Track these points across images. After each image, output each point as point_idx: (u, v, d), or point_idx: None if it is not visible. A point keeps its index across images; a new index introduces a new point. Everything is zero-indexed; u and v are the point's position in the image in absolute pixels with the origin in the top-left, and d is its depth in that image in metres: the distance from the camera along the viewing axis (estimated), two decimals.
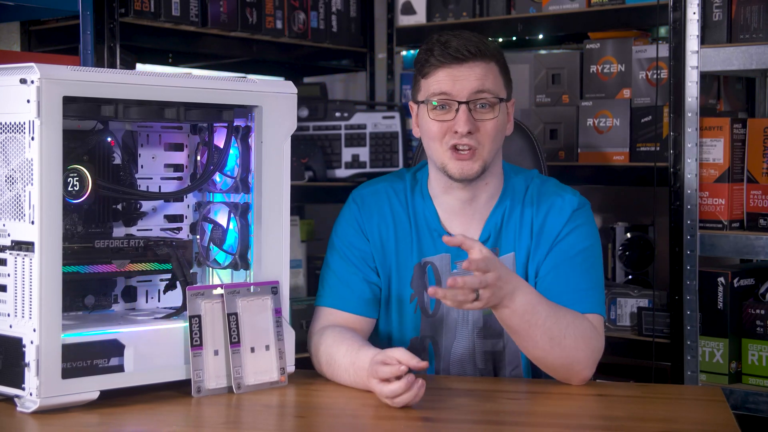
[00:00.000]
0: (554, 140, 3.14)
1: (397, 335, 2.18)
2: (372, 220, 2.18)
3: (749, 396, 2.74)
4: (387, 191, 2.21)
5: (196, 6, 2.92)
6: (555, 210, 2.13)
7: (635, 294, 3.01)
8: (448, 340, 2.15)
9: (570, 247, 2.10)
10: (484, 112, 2.07)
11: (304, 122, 3.28)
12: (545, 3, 3.19)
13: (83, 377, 1.82)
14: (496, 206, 2.15)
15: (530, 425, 1.83)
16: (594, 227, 2.16)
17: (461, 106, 2.05)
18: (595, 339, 2.02)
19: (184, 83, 1.95)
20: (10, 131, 1.80)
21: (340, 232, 2.20)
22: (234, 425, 1.84)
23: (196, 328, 1.93)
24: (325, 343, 2.06)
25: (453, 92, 2.06)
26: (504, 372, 2.16)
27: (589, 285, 2.08)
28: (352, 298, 2.14)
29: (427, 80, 2.09)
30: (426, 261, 2.15)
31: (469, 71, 2.06)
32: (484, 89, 2.06)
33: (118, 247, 2.00)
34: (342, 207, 2.24)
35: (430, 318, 2.16)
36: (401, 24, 3.56)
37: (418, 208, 2.18)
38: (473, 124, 2.05)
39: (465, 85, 2.05)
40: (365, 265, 2.16)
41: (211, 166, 2.09)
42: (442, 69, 2.07)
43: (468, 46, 2.06)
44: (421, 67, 2.10)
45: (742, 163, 2.80)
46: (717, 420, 1.82)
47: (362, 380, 1.94)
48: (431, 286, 1.92)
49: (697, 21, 2.78)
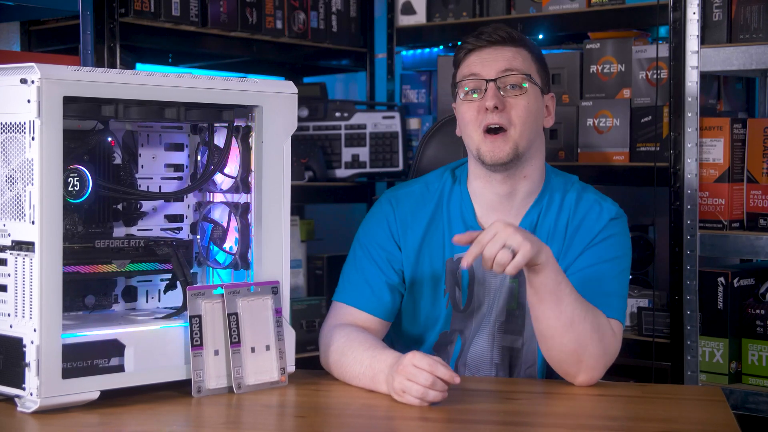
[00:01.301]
0: (554, 140, 3.14)
1: (421, 332, 2.17)
2: (405, 223, 2.17)
3: (749, 396, 2.74)
4: (422, 192, 2.20)
5: (196, 6, 2.92)
6: (593, 215, 2.13)
7: (635, 294, 3.01)
8: (471, 333, 2.16)
9: (605, 251, 2.10)
10: (513, 92, 2.09)
11: (304, 122, 3.29)
12: (545, 3, 3.19)
13: (83, 377, 1.82)
14: (534, 204, 2.15)
15: (530, 425, 1.83)
16: (628, 240, 2.16)
17: (489, 84, 2.08)
18: (611, 340, 2.02)
19: (184, 83, 1.95)
20: (10, 131, 1.80)
21: (369, 231, 2.19)
22: (234, 425, 1.85)
23: (197, 328, 1.93)
24: (344, 336, 2.05)
25: (482, 72, 2.09)
26: (519, 369, 2.16)
27: (616, 292, 2.08)
28: (372, 298, 2.14)
29: (460, 69, 2.14)
30: (459, 256, 2.14)
31: (498, 53, 2.11)
32: (513, 68, 2.09)
33: (118, 247, 2.00)
34: (373, 205, 2.24)
35: (461, 313, 2.16)
36: (401, 24, 3.56)
37: (454, 204, 2.17)
38: (500, 100, 2.07)
39: (493, 66, 2.09)
40: (390, 268, 2.16)
41: (212, 166, 2.09)
42: (473, 54, 2.13)
43: (498, 32, 2.12)
44: (457, 61, 2.16)
45: (742, 163, 2.80)
46: (717, 420, 1.82)
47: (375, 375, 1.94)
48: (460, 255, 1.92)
49: (697, 21, 2.78)
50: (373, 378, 1.96)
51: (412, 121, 3.54)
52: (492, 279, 2.13)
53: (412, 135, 3.50)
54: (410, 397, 1.85)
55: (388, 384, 1.91)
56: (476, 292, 2.14)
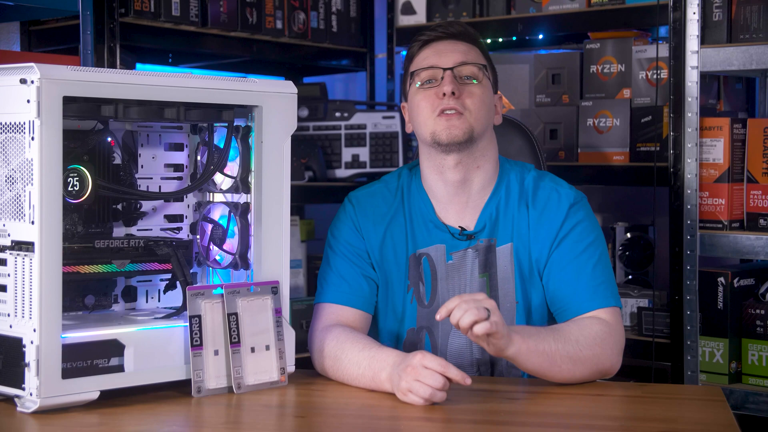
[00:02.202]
0: (554, 140, 3.14)
1: (395, 328, 2.18)
2: (367, 219, 2.20)
3: (749, 396, 2.74)
4: (382, 191, 2.23)
5: (196, 6, 2.93)
6: (552, 204, 2.14)
7: (635, 294, 3.01)
8: (444, 331, 2.16)
9: (574, 244, 2.11)
10: (469, 83, 2.13)
11: (304, 122, 3.29)
12: (545, 3, 3.19)
13: (83, 377, 1.82)
14: (491, 196, 2.16)
15: (530, 425, 1.83)
16: (593, 219, 2.16)
17: (446, 72, 2.11)
18: (612, 336, 2.04)
19: (184, 83, 1.95)
20: (10, 131, 1.80)
21: (337, 232, 2.22)
22: (234, 425, 1.84)
23: (196, 328, 1.93)
24: (334, 339, 2.06)
25: (438, 63, 2.13)
26: (501, 362, 2.16)
27: (599, 280, 2.09)
28: (352, 293, 2.15)
29: (415, 60, 2.17)
30: (421, 252, 2.17)
31: (454, 46, 2.16)
32: (468, 61, 2.13)
33: (118, 247, 1.99)
34: (338, 209, 2.26)
35: (426, 308, 2.17)
36: (401, 24, 3.56)
37: (413, 201, 2.20)
38: (457, 87, 2.10)
39: (450, 56, 2.13)
40: (363, 261, 2.17)
41: (212, 166, 2.09)
42: (428, 47, 2.17)
43: (451, 27, 2.18)
44: (411, 56, 2.20)
45: (742, 163, 2.81)
46: (717, 420, 1.82)
47: (376, 375, 1.95)
48: (440, 309, 1.90)
49: (697, 21, 2.78)
50: (374, 378, 1.96)
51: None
52: (456, 274, 2.15)
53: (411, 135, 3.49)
54: (415, 397, 1.85)
55: (393, 382, 1.91)
56: (440, 288, 2.15)
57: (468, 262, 2.15)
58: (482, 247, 2.15)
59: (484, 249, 2.15)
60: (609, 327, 2.04)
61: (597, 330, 2.03)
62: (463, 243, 2.15)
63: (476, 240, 2.15)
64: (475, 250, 2.15)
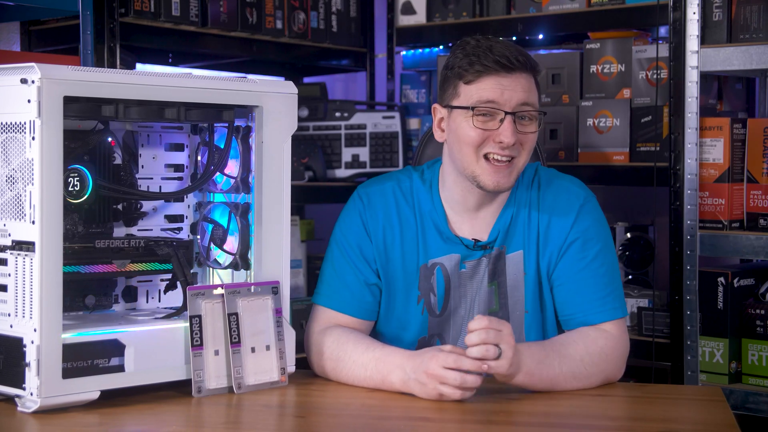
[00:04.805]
0: (554, 140, 3.14)
1: (402, 336, 2.17)
2: (377, 220, 2.16)
3: (749, 396, 2.74)
4: (394, 190, 2.18)
5: (196, 6, 2.93)
6: (561, 205, 2.12)
7: (635, 294, 3.01)
8: (454, 336, 2.15)
9: (583, 252, 2.09)
10: (526, 125, 2.04)
11: (304, 122, 3.29)
12: (545, 3, 3.19)
13: (84, 377, 1.82)
14: (505, 208, 2.13)
15: (530, 425, 1.83)
16: (602, 221, 2.14)
17: (507, 116, 2.01)
18: (617, 349, 2.05)
19: (184, 83, 1.95)
20: (10, 131, 1.80)
21: (344, 228, 2.18)
22: (234, 425, 1.85)
23: (197, 328, 1.93)
24: (335, 340, 2.06)
25: (501, 101, 2.01)
26: None
27: (606, 290, 2.08)
28: (351, 301, 2.13)
29: (470, 86, 2.03)
30: (434, 262, 2.14)
31: (516, 82, 2.02)
32: (529, 102, 2.03)
33: (118, 247, 2.00)
34: (347, 201, 2.22)
35: (437, 317, 2.16)
36: (401, 24, 3.56)
37: (425, 208, 2.16)
38: (516, 134, 2.02)
39: (512, 96, 2.01)
40: (366, 266, 2.15)
41: (212, 166, 2.09)
42: (490, 77, 2.01)
43: (516, 56, 2.02)
44: (463, 72, 2.03)
45: (742, 163, 2.81)
46: (717, 420, 1.82)
47: (385, 377, 1.96)
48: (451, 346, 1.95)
49: (697, 21, 2.78)
50: (384, 380, 1.96)
51: (412, 121, 3.54)
52: (468, 282, 2.14)
53: (412, 135, 3.50)
54: (451, 396, 1.89)
55: (411, 387, 1.92)
56: (452, 296, 2.14)
57: (481, 270, 2.13)
58: (493, 255, 2.13)
59: (494, 257, 2.13)
60: (614, 340, 2.05)
61: (602, 345, 2.03)
62: (478, 253, 2.13)
63: (491, 249, 2.13)
64: (488, 258, 2.13)
